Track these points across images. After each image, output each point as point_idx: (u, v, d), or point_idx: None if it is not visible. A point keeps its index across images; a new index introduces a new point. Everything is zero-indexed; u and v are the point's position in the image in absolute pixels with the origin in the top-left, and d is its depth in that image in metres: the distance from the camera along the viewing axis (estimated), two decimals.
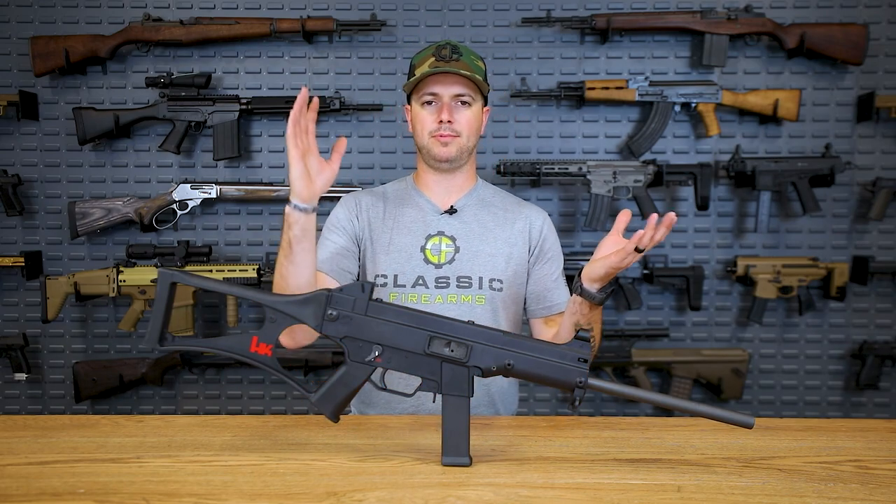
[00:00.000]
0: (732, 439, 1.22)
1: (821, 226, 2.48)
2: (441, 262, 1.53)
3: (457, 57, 1.48)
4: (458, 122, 1.50)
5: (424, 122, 1.51)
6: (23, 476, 1.04)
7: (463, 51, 1.51)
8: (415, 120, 1.54)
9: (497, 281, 1.53)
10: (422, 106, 1.52)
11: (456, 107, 1.50)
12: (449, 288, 1.52)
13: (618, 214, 1.34)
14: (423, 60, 1.52)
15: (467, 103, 1.51)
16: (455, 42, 1.53)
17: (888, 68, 2.43)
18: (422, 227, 1.56)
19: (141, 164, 2.48)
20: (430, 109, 1.51)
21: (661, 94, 2.36)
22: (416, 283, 1.52)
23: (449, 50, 1.49)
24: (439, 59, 1.48)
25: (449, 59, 1.48)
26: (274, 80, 2.45)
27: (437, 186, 1.59)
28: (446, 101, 1.49)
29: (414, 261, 1.53)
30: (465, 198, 1.59)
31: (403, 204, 1.59)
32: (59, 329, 2.51)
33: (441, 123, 1.49)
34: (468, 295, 1.52)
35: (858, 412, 2.53)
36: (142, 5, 2.43)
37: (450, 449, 1.09)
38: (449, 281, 1.52)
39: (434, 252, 1.54)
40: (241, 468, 1.07)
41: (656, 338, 2.47)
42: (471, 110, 1.51)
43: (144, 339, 1.11)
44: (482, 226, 1.57)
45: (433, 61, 1.48)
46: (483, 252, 1.54)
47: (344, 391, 1.12)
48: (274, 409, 2.54)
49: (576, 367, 1.10)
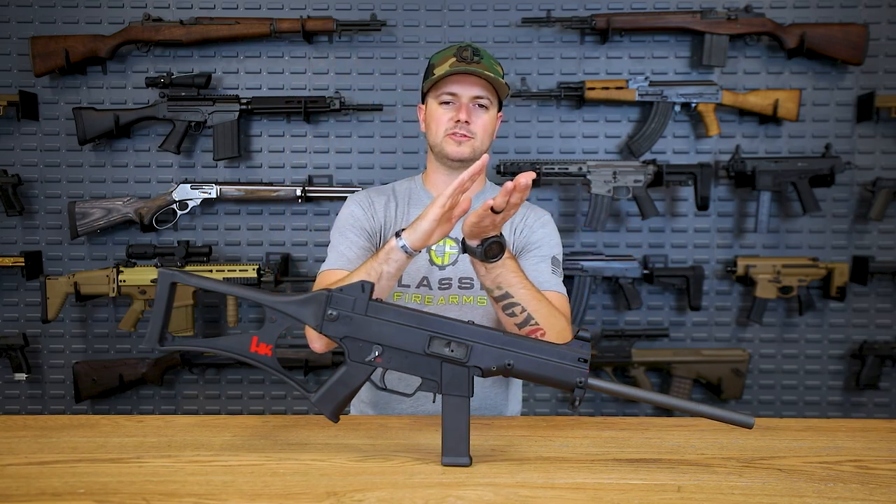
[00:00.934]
0: (732, 439, 1.22)
1: (821, 226, 2.48)
2: (445, 263, 1.54)
3: (477, 59, 1.48)
4: (475, 124, 1.49)
5: (440, 121, 1.51)
6: (23, 476, 1.04)
7: (483, 54, 1.51)
8: (430, 118, 1.53)
9: None
10: (439, 104, 1.51)
11: (473, 109, 1.49)
12: (451, 289, 1.52)
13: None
14: (443, 60, 1.51)
15: (485, 107, 1.50)
16: (476, 45, 1.52)
17: (888, 68, 2.43)
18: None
19: (141, 164, 2.48)
20: (448, 108, 1.50)
21: (661, 94, 2.36)
22: (420, 284, 1.53)
23: (470, 52, 1.48)
24: (460, 59, 1.48)
25: (470, 61, 1.47)
26: (274, 80, 2.45)
27: (446, 187, 1.58)
28: (465, 102, 1.49)
29: (419, 261, 1.53)
30: (473, 201, 1.58)
31: (412, 204, 1.59)
32: (59, 329, 2.51)
33: (458, 123, 1.49)
34: (469, 296, 1.53)
35: (858, 412, 2.53)
36: (142, 5, 2.42)
37: (450, 449, 1.09)
38: (451, 282, 1.53)
39: (438, 254, 1.54)
40: (241, 468, 1.07)
41: (656, 338, 2.47)
42: (487, 114, 1.51)
43: (144, 339, 1.11)
44: None
45: (454, 61, 1.48)
46: None
47: (344, 391, 1.12)
48: (274, 409, 2.54)
49: (576, 367, 1.10)
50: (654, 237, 2.49)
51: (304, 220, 2.48)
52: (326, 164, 2.47)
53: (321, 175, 2.46)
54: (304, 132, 2.47)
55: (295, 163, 2.47)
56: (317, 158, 2.47)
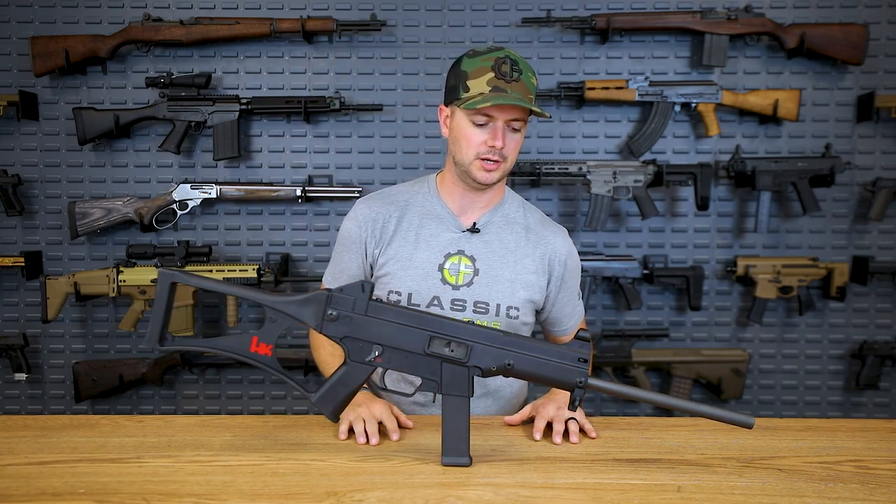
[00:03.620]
0: (732, 439, 1.22)
1: (821, 226, 2.48)
2: (459, 283, 1.47)
3: (517, 77, 1.37)
4: (507, 147, 1.41)
5: (472, 142, 1.41)
6: (23, 476, 1.04)
7: (523, 67, 1.40)
8: (459, 134, 1.42)
9: (514, 309, 1.48)
10: (472, 124, 1.40)
11: (507, 131, 1.40)
12: (465, 312, 1.46)
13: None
14: (479, 72, 1.38)
15: (518, 130, 1.42)
16: (514, 54, 1.41)
17: (888, 68, 2.43)
18: (442, 244, 1.49)
19: (141, 164, 2.48)
20: (482, 130, 1.40)
21: (661, 94, 2.36)
22: (430, 304, 1.45)
23: (509, 66, 1.37)
24: (500, 76, 1.36)
25: (510, 79, 1.37)
26: (274, 80, 2.45)
27: (463, 199, 1.51)
28: (500, 126, 1.39)
29: (431, 280, 1.46)
30: (490, 214, 1.52)
31: (424, 214, 1.52)
32: (59, 329, 2.51)
33: (492, 148, 1.40)
34: (483, 321, 1.45)
35: (858, 412, 2.53)
36: (142, 5, 2.42)
37: (450, 449, 1.09)
38: (465, 304, 1.46)
39: (452, 272, 1.47)
40: (241, 468, 1.07)
41: (656, 338, 2.46)
42: (520, 134, 1.43)
43: (144, 339, 1.11)
44: (504, 246, 1.50)
45: (492, 78, 1.36)
46: (502, 277, 1.48)
47: (344, 391, 1.12)
48: (274, 409, 2.54)
49: (576, 367, 1.10)
50: (654, 237, 2.49)
51: (304, 220, 2.48)
52: (326, 164, 2.47)
53: (321, 175, 2.46)
54: (304, 132, 2.47)
55: (295, 163, 2.47)
56: (317, 158, 2.47)
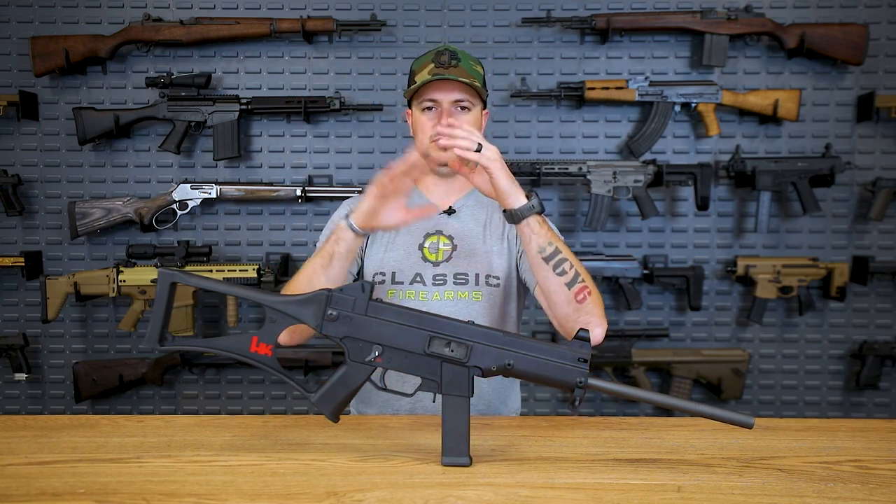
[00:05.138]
0: (732, 439, 1.22)
1: (821, 226, 2.48)
2: (439, 259, 1.55)
3: (455, 63, 1.51)
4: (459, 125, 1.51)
5: (424, 128, 1.53)
6: (23, 476, 1.04)
7: (462, 56, 1.53)
8: (416, 126, 1.56)
9: (493, 277, 1.54)
10: (422, 112, 1.54)
11: (456, 112, 1.52)
12: (446, 285, 1.53)
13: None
14: (422, 66, 1.53)
15: (467, 108, 1.53)
16: (454, 47, 1.54)
17: (888, 68, 2.43)
18: (421, 227, 1.57)
19: (141, 164, 2.48)
20: (430, 115, 1.52)
21: (661, 94, 2.36)
22: (413, 281, 1.54)
23: (447, 56, 1.51)
24: (438, 65, 1.50)
25: (448, 66, 1.50)
26: (274, 80, 2.45)
27: (437, 189, 1.62)
28: (446, 107, 1.51)
29: (412, 259, 1.55)
30: (464, 198, 1.61)
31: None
32: (59, 329, 2.51)
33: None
34: (465, 291, 1.54)
35: (858, 412, 2.53)
36: (142, 5, 2.42)
37: (450, 449, 1.09)
38: (446, 278, 1.54)
39: (432, 250, 1.56)
40: (241, 468, 1.07)
41: (656, 338, 2.47)
42: (470, 115, 1.53)
43: (144, 339, 1.11)
44: (479, 224, 1.59)
45: (432, 67, 1.50)
46: (479, 249, 1.56)
47: (344, 391, 1.12)
48: (274, 409, 2.54)
49: (576, 367, 1.10)
50: (654, 237, 2.49)
51: (304, 220, 2.49)
52: (326, 164, 2.47)
53: (321, 175, 2.46)
54: (304, 132, 2.47)
55: (295, 163, 2.47)
56: (317, 158, 2.47)
